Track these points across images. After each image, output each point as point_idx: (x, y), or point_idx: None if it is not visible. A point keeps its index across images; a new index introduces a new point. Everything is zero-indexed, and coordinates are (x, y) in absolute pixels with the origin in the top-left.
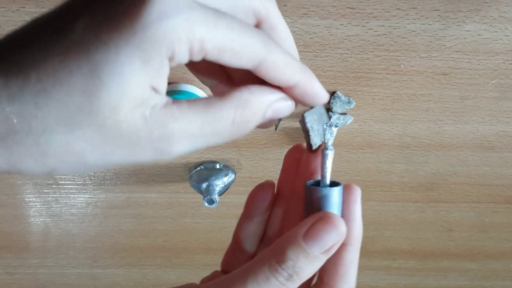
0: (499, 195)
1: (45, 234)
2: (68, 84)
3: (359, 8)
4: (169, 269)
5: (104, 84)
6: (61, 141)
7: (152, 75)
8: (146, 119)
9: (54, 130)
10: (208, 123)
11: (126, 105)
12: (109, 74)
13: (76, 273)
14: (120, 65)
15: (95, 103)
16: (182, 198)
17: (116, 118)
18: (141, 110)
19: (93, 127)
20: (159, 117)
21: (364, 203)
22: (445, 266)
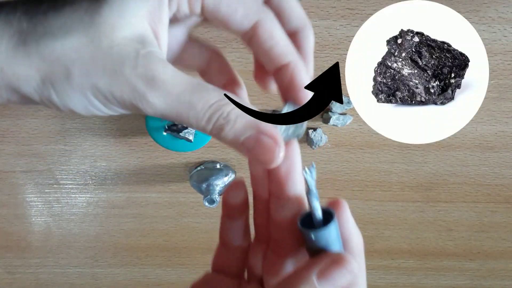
0: (498, 195)
1: (46, 234)
2: (77, 2)
3: (358, 9)
4: (170, 268)
5: (108, 3)
6: (56, 46)
7: (152, 11)
8: (138, 54)
9: (54, 34)
10: (189, 94)
11: (124, 30)
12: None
13: (77, 272)
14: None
15: (95, 18)
16: (182, 198)
17: (112, 38)
18: (137, 45)
19: (88, 38)
20: (151, 61)
21: (364, 203)
22: (444, 265)
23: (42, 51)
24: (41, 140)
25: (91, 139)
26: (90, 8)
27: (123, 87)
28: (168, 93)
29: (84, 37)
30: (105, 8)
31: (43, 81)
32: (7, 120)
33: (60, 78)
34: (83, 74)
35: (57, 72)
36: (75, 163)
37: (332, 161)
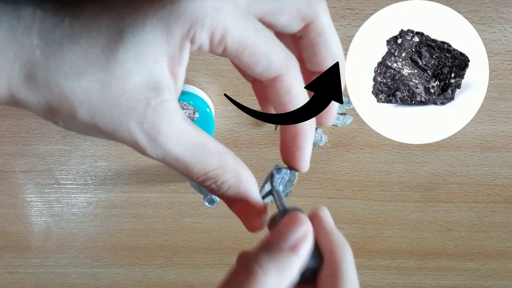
0: (498, 195)
1: (46, 234)
2: (94, 37)
3: (358, 9)
4: (170, 268)
5: (125, 46)
6: (66, 86)
7: (172, 53)
8: (148, 105)
9: (65, 74)
10: (189, 157)
11: (139, 76)
12: (132, 38)
13: (77, 272)
14: (144, 33)
15: (110, 61)
16: (182, 198)
17: (124, 85)
18: (149, 93)
19: (99, 83)
20: (159, 116)
21: (364, 203)
22: (444, 265)
23: (52, 88)
24: (41, 140)
25: (91, 139)
26: (107, 47)
27: (125, 136)
28: (167, 152)
29: (96, 81)
30: (121, 51)
31: (51, 111)
32: (7, 120)
33: (66, 114)
34: (88, 116)
35: (64, 109)
36: (75, 163)
37: (332, 161)
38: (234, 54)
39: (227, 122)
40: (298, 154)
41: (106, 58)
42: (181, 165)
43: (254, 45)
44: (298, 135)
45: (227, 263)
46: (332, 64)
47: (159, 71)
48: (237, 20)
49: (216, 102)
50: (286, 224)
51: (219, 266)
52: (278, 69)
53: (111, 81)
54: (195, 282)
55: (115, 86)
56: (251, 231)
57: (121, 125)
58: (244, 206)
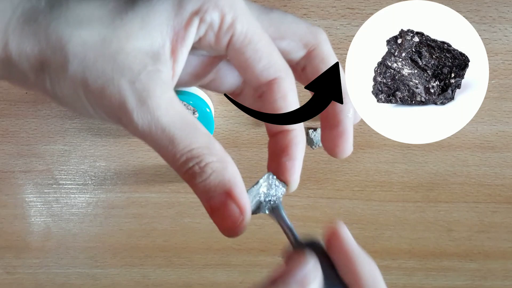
0: (498, 195)
1: (45, 234)
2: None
3: (359, 9)
4: (170, 269)
5: (134, 11)
6: (65, 34)
7: (178, 28)
8: (144, 68)
9: (68, 21)
10: (176, 129)
11: (140, 41)
12: (142, 5)
13: (76, 273)
14: (155, 1)
15: (116, 21)
16: (182, 198)
17: (123, 45)
18: (147, 60)
19: (99, 38)
20: (153, 81)
21: (364, 203)
22: (444, 266)
23: (50, 34)
24: (40, 140)
25: (91, 139)
26: (116, 9)
27: (113, 95)
28: (155, 119)
29: (97, 35)
30: (129, 14)
31: (41, 63)
32: (6, 120)
33: (57, 66)
34: (80, 69)
35: (57, 60)
36: (75, 163)
37: (332, 161)
38: (239, 46)
39: (227, 122)
40: (289, 164)
41: (112, 17)
42: (166, 137)
43: (259, 41)
44: (291, 144)
45: (227, 263)
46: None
47: (161, 44)
48: (247, 14)
49: (216, 102)
50: (292, 262)
51: (219, 266)
52: (278, 71)
53: (112, 38)
54: (195, 283)
55: (115, 43)
56: (226, 233)
57: (112, 82)
58: (224, 200)
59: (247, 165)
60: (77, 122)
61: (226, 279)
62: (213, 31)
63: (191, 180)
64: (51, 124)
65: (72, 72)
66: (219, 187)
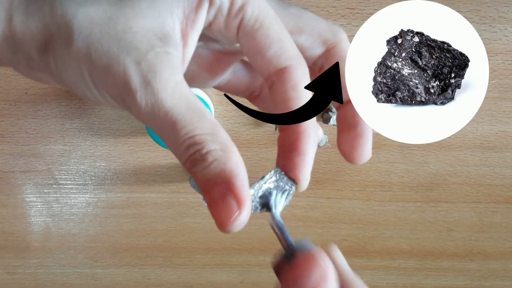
0: (498, 195)
1: (45, 234)
2: None
3: (358, 9)
4: (169, 268)
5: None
6: (71, 10)
7: (188, 12)
8: (151, 48)
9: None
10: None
11: (149, 21)
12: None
13: (76, 272)
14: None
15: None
16: (182, 198)
17: (132, 24)
18: (155, 41)
19: (106, 15)
20: (160, 62)
21: (364, 203)
22: (444, 266)
23: (56, 10)
24: (40, 140)
25: (91, 139)
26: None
27: (118, 74)
28: (159, 102)
29: (103, 12)
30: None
31: (46, 41)
32: (6, 120)
33: (62, 43)
34: (84, 46)
35: (61, 36)
36: (75, 163)
37: (332, 161)
38: (249, 30)
39: (227, 122)
40: (299, 160)
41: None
42: (169, 121)
43: (270, 26)
44: (301, 137)
45: (227, 263)
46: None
47: (170, 25)
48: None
49: (216, 102)
50: (299, 268)
51: (219, 266)
52: (289, 58)
53: (119, 16)
54: (195, 283)
55: (122, 22)
56: (221, 227)
57: (117, 60)
58: (223, 191)
59: (247, 165)
60: (77, 122)
61: (226, 279)
62: (222, 15)
63: (191, 167)
64: (51, 124)
65: (76, 48)
66: (219, 177)
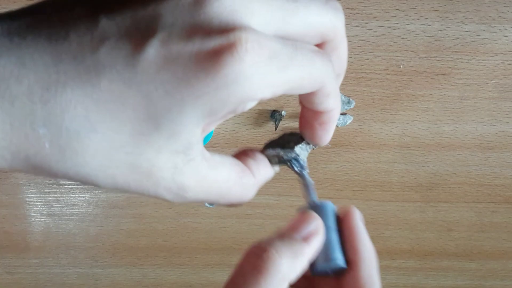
0: (498, 195)
1: (45, 234)
2: (119, 121)
3: (358, 9)
4: (169, 268)
5: (159, 130)
6: (89, 174)
7: (207, 124)
8: (175, 169)
9: (88, 165)
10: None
11: (169, 151)
12: (167, 123)
13: (76, 272)
14: (183, 115)
15: (141, 145)
16: None
17: (154, 162)
18: (178, 159)
19: (127, 167)
20: (186, 176)
21: (364, 203)
22: (444, 265)
23: (71, 177)
24: None
25: None
26: (136, 132)
27: (152, 197)
28: (194, 200)
29: (123, 166)
30: (154, 135)
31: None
32: None
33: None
34: (112, 186)
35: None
36: None
37: (332, 161)
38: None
39: (227, 122)
40: (324, 133)
41: (135, 143)
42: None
43: (302, 81)
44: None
45: (227, 263)
46: (341, 70)
47: (192, 137)
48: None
49: None
50: (298, 220)
51: (219, 266)
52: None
53: (141, 163)
54: (195, 282)
55: (145, 166)
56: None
57: (148, 192)
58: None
59: None
60: None
61: (226, 279)
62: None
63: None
64: None
65: (105, 187)
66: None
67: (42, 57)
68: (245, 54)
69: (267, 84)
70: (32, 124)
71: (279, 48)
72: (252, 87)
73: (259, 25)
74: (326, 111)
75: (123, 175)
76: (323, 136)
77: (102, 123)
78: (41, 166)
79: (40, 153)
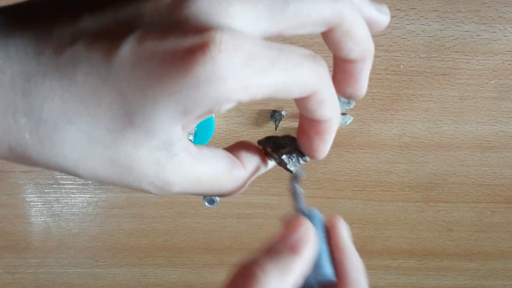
0: (498, 195)
1: (46, 234)
2: (95, 115)
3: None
4: (170, 268)
5: (134, 127)
6: (68, 165)
7: (185, 122)
8: (158, 165)
9: (66, 157)
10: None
11: (148, 147)
12: (141, 120)
13: (77, 272)
14: (156, 113)
15: (118, 139)
16: (182, 198)
17: (133, 157)
18: (160, 155)
19: (106, 160)
20: (170, 172)
21: (364, 203)
22: (444, 265)
23: (51, 167)
24: None
25: None
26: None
27: (136, 190)
28: (180, 193)
29: (102, 160)
30: (130, 131)
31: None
32: None
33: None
34: (94, 179)
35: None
36: None
37: (332, 161)
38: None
39: (227, 122)
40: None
41: (112, 138)
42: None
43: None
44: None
45: (227, 263)
46: (361, 54)
47: (172, 135)
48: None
49: None
50: (286, 228)
51: (219, 266)
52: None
53: (119, 157)
54: (195, 282)
55: (124, 160)
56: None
57: (132, 185)
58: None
59: None
60: None
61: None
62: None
63: None
64: None
65: (87, 179)
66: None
67: (25, 49)
68: (217, 54)
69: (243, 87)
70: (14, 114)
71: (259, 50)
72: (226, 89)
73: (243, 26)
74: (323, 120)
75: (103, 168)
76: (319, 146)
77: (78, 116)
78: (23, 155)
79: (21, 144)
